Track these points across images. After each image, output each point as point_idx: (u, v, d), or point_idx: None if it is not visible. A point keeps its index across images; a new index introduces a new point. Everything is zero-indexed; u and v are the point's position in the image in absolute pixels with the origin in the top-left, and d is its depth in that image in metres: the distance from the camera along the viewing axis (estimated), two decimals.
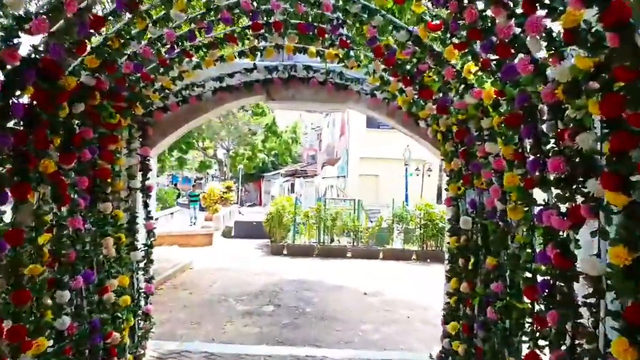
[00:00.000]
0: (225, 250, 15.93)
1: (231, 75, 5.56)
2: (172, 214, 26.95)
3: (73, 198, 4.13)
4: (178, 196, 38.10)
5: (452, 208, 5.16)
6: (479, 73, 3.47)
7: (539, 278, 2.98)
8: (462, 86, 3.79)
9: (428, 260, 14.90)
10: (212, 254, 14.97)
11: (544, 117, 2.81)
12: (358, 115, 27.05)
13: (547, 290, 2.88)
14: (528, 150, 3.07)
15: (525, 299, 3.27)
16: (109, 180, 4.87)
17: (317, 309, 8.69)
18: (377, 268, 13.56)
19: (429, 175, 23.37)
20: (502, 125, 3.34)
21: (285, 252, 15.34)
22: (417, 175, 23.60)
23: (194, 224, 20.51)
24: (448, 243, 5.26)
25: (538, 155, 2.83)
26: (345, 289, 10.43)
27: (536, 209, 3.08)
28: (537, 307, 3.15)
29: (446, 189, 5.28)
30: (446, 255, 5.77)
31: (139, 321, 5.91)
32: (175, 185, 47.79)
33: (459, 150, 4.61)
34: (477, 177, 4.16)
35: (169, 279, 10.91)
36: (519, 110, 2.91)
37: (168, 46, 4.43)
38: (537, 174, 2.87)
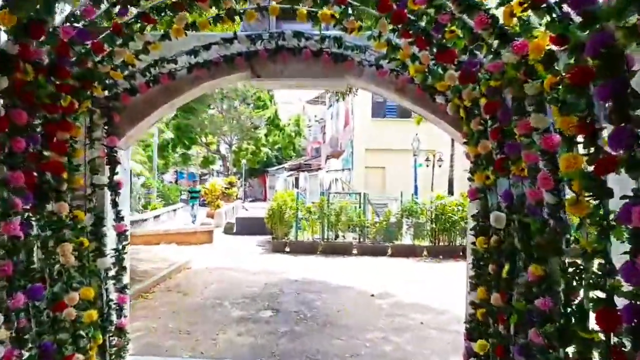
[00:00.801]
0: (226, 248, 15.10)
1: (207, 47, 4.65)
2: (174, 210, 26.16)
3: (4, 198, 3.28)
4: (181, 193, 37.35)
5: (478, 202, 4.24)
6: (526, 14, 2.54)
7: (620, 301, 2.10)
8: (498, 40, 2.88)
9: (440, 257, 14.01)
10: (212, 252, 14.14)
11: (635, 68, 1.91)
12: (363, 104, 26.14)
13: (635, 321, 1.99)
14: (602, 120, 2.16)
15: (595, 326, 2.37)
16: (63, 175, 4.02)
17: (319, 313, 7.82)
18: (385, 266, 12.68)
19: (439, 166, 22.37)
20: (559, 88, 2.43)
21: (287, 249, 14.49)
22: (427, 166, 22.61)
23: (194, 221, 19.67)
24: (473, 244, 4.36)
25: (624, 125, 1.93)
26: (351, 290, 9.56)
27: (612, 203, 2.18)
28: (614, 340, 2.26)
29: (470, 179, 4.37)
30: (469, 258, 4.88)
31: (111, 338, 5.07)
32: (176, 181, 46.98)
33: (488, 128, 3.70)
34: (515, 161, 3.26)
35: (163, 280, 10.08)
36: (592, 58, 2.00)
37: (119, 6, 3.53)
38: (621, 152, 1.97)
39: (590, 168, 2.24)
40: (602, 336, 2.33)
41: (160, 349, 6.25)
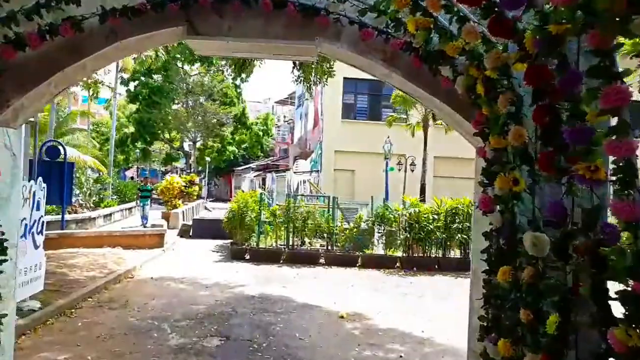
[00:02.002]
0: (178, 254, 13.62)
1: None
2: (130, 209, 24.39)
3: None
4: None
5: (494, 216, 3.05)
6: None
7: None
8: None
9: (414, 269, 12.88)
10: (162, 258, 12.65)
11: None
12: (333, 104, 25.01)
13: None
14: None
15: None
16: None
17: (277, 342, 6.50)
18: (356, 278, 11.46)
19: (412, 171, 21.37)
20: None
21: (247, 256, 13.12)
22: (399, 170, 21.57)
23: (145, 224, 17.63)
24: (488, 274, 3.17)
25: None
26: (317, 310, 8.27)
27: None
28: None
29: (483, 183, 3.17)
30: (474, 286, 3.70)
31: None
32: (132, 178, 44.81)
33: (526, 108, 2.50)
34: (586, 155, 2.04)
35: (95, 292, 8.55)
36: None
37: None
38: None
39: None
40: None
41: None
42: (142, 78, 35.52)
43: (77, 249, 11.55)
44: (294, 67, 10.10)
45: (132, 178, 46.01)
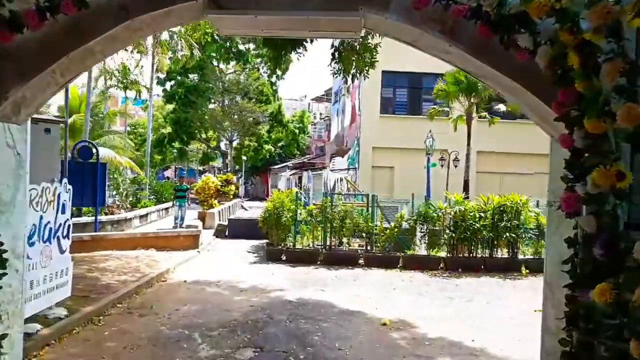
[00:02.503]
0: (213, 255, 13.29)
1: None
2: (166, 209, 24.38)
3: None
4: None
5: (584, 219, 2.42)
6: None
7: None
8: None
9: (459, 270, 12.14)
10: (196, 260, 12.32)
11: None
12: (370, 99, 24.29)
13: None
14: None
15: None
16: None
17: (315, 354, 5.95)
18: (398, 280, 10.82)
19: (455, 166, 20.44)
20: None
21: (283, 257, 12.65)
22: (442, 166, 20.67)
23: (181, 224, 17.10)
24: (571, 296, 2.54)
25: None
26: (357, 317, 7.69)
27: None
28: None
29: (567, 178, 2.54)
30: (547, 302, 3.07)
31: None
32: (167, 178, 45.17)
33: None
34: None
35: (126, 297, 8.23)
36: None
37: None
38: None
39: None
40: None
41: None
42: (179, 77, 35.70)
43: (111, 251, 11.33)
44: (332, 59, 9.52)
45: (167, 178, 46.45)
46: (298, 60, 10.09)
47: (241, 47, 36.64)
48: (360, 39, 8.87)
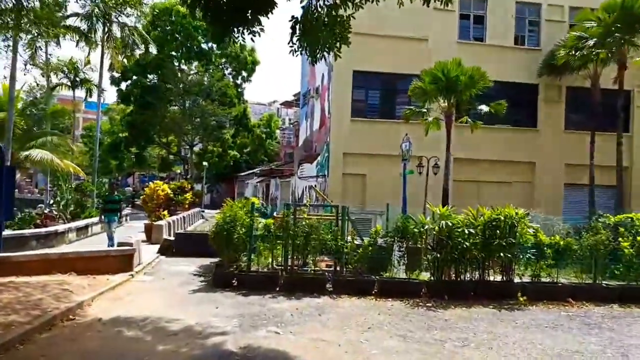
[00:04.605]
0: (149, 280, 10.94)
1: None
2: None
3: None
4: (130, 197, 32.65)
5: None
6: None
7: None
8: None
9: (445, 297, 10.22)
10: (125, 287, 9.98)
11: None
12: (341, 102, 22.36)
13: None
14: None
15: None
16: None
17: None
18: (373, 314, 8.76)
19: (435, 174, 18.59)
20: None
21: (234, 282, 10.43)
22: (420, 173, 18.79)
23: (111, 244, 13.67)
24: None
25: None
26: None
27: None
28: None
29: None
30: None
31: None
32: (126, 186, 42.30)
33: None
34: None
35: (5, 349, 5.91)
36: None
37: None
38: None
39: None
40: None
41: None
42: (135, 77, 33.11)
43: (14, 277, 8.95)
44: (292, 34, 7.45)
45: (129, 186, 43.55)
46: (252, 42, 7.97)
47: (204, 46, 34.36)
48: (328, 8, 6.87)
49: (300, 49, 7.50)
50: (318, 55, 7.44)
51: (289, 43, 7.59)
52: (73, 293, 8.43)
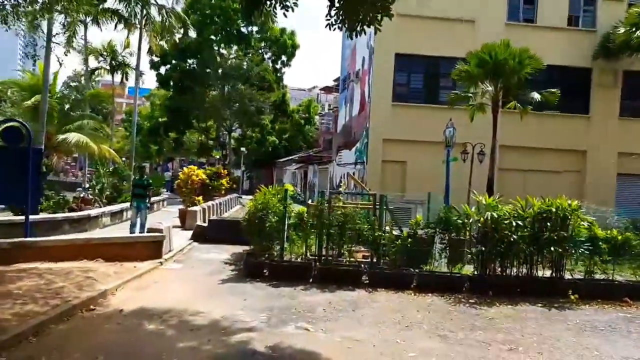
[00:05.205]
0: (178, 268, 10.63)
1: None
2: (151, 204, 21.87)
3: None
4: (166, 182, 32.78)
5: None
6: None
7: None
8: None
9: (489, 294, 9.51)
10: (153, 275, 9.69)
11: None
12: (382, 86, 21.55)
13: None
14: None
15: None
16: None
17: None
18: (412, 310, 8.16)
19: (480, 161, 17.58)
20: None
21: (266, 272, 10.01)
22: (464, 160, 17.82)
23: (143, 231, 12.86)
24: None
25: None
26: None
27: None
28: None
29: None
30: None
31: None
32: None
33: None
34: None
35: (17, 341, 5.62)
36: None
37: None
38: None
39: None
40: None
41: None
42: (174, 61, 33.07)
43: (39, 263, 8.77)
44: (331, 5, 6.81)
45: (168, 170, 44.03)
46: (285, 17, 7.28)
47: (243, 29, 33.96)
48: None
49: (338, 23, 6.85)
50: (358, 29, 6.76)
51: (326, 16, 6.96)
52: (97, 281, 8.16)
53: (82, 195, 17.53)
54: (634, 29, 18.23)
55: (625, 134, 21.70)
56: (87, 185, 17.20)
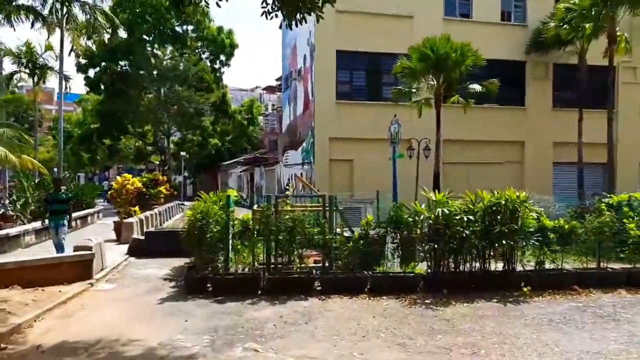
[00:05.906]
0: (111, 289, 9.66)
1: None
2: (84, 218, 20.46)
3: None
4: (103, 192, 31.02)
5: None
6: None
7: None
8: None
9: (444, 291, 9.20)
10: (80, 299, 8.69)
11: None
12: (326, 84, 21.15)
13: None
14: None
15: None
16: None
17: None
18: (368, 317, 7.69)
19: (426, 157, 17.46)
20: None
21: (209, 287, 9.24)
22: (410, 157, 17.66)
23: (60, 252, 10.96)
24: None
25: None
26: None
27: None
28: None
29: None
30: None
31: None
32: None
33: None
34: None
35: None
36: None
37: None
38: None
39: None
40: None
41: None
42: (104, 63, 31.29)
43: None
44: None
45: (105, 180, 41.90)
46: (218, 7, 6.57)
47: (178, 29, 32.62)
48: None
49: (275, 10, 6.22)
50: (298, 16, 6.17)
51: (262, 3, 6.33)
52: (11, 314, 7.14)
53: (1, 212, 15.95)
54: (562, 24, 18.90)
55: (558, 124, 22.38)
56: (7, 201, 15.65)
